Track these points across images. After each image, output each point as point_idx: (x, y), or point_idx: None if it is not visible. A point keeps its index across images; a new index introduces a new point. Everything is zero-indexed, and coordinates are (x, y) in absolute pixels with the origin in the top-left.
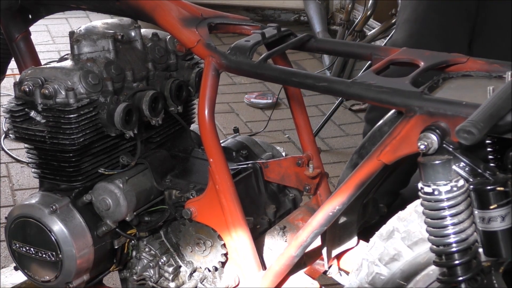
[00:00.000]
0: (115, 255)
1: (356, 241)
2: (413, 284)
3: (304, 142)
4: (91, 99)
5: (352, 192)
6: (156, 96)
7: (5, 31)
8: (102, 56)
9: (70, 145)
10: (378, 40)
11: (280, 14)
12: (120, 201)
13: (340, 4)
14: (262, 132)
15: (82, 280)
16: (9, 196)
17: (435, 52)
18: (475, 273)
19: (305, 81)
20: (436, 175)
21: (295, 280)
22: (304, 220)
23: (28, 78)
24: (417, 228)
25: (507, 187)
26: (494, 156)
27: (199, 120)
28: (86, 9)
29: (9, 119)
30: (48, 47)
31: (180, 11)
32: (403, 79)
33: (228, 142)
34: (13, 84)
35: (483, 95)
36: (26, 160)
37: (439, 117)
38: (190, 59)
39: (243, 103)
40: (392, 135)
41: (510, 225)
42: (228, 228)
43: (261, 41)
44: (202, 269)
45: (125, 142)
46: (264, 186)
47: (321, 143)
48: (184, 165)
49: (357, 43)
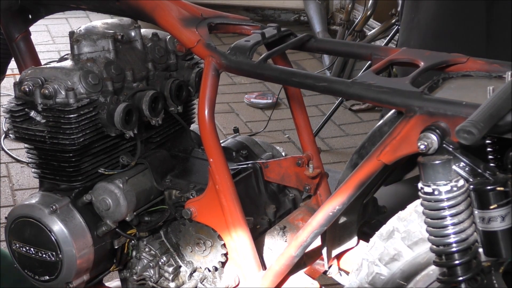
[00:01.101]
0: (115, 255)
1: (356, 241)
2: (413, 284)
3: (304, 142)
4: (91, 99)
5: (352, 192)
6: (156, 96)
7: (5, 31)
8: (102, 56)
9: (70, 145)
10: (378, 40)
11: (280, 14)
12: (120, 201)
13: (340, 4)
14: (262, 132)
15: (82, 280)
16: (9, 196)
17: (435, 52)
18: (475, 273)
19: (305, 81)
20: (436, 175)
21: (295, 280)
22: (304, 220)
23: (28, 78)
24: (417, 228)
25: (507, 187)
26: (494, 156)
27: (199, 120)
28: (86, 9)
29: (9, 119)
30: (48, 47)
31: (180, 11)
32: (403, 79)
33: (228, 142)
34: (13, 84)
35: (483, 95)
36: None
37: (439, 117)
38: (190, 59)
39: (243, 103)
40: (392, 135)
41: (510, 225)
42: (228, 228)
43: (261, 41)
44: (202, 269)
45: (125, 142)
46: (264, 186)
47: (321, 143)
48: (184, 165)
49: (357, 43)
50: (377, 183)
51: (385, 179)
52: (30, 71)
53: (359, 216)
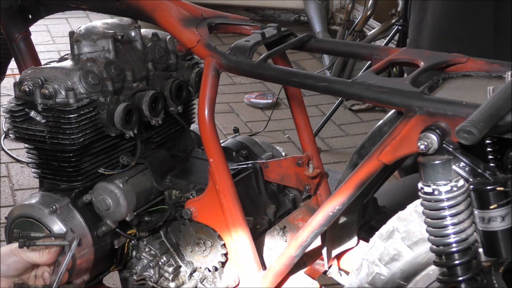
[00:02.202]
0: (115, 255)
1: (356, 241)
2: (413, 284)
3: (304, 142)
4: (91, 99)
5: (352, 192)
6: (156, 96)
7: (5, 31)
8: (102, 56)
9: (70, 145)
10: (378, 40)
11: (280, 14)
12: (120, 201)
13: (340, 4)
14: (262, 132)
15: (82, 280)
16: (9, 196)
17: (435, 52)
18: (475, 273)
19: (305, 81)
20: (436, 175)
21: (295, 280)
22: (304, 220)
23: (28, 78)
24: (417, 228)
25: (507, 187)
26: (494, 156)
27: (199, 120)
28: (86, 9)
29: (9, 119)
30: (48, 47)
31: (180, 11)
32: (403, 79)
33: (228, 142)
34: (13, 84)
35: (483, 95)
36: (26, 160)
37: (439, 117)
38: (190, 59)
39: (243, 103)
40: (392, 135)
41: (510, 225)
42: (228, 228)
43: (261, 41)
44: (202, 269)
45: (125, 142)
46: (264, 186)
47: (321, 143)
48: (184, 165)
49: (357, 43)
50: (377, 183)
51: (385, 179)
52: (30, 71)
53: (359, 216)
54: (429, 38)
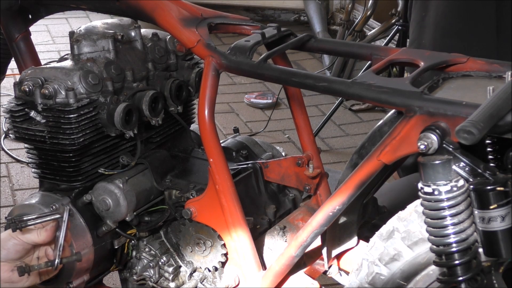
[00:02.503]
0: (115, 255)
1: (356, 241)
2: (413, 284)
3: (304, 142)
4: (91, 99)
5: (352, 192)
6: (156, 96)
7: (5, 31)
8: (102, 56)
9: (70, 145)
10: (378, 40)
11: (280, 14)
12: (120, 201)
13: (340, 4)
14: (262, 132)
15: (82, 280)
16: (9, 196)
17: (435, 52)
18: (475, 273)
19: (305, 81)
20: (436, 175)
21: (295, 280)
22: (304, 220)
23: (28, 78)
24: (417, 228)
25: (507, 187)
26: (494, 156)
27: (199, 120)
28: (86, 9)
29: (9, 119)
30: (48, 47)
31: (180, 11)
32: (403, 79)
33: (228, 142)
34: (13, 84)
35: (483, 95)
36: (26, 160)
37: (439, 117)
38: (190, 59)
39: (243, 103)
40: (392, 135)
41: (510, 225)
42: (228, 228)
43: (261, 41)
44: (202, 269)
45: (125, 142)
46: (264, 186)
47: (321, 143)
48: (184, 165)
49: (357, 43)
50: (377, 183)
51: (385, 179)
52: (30, 71)
53: (359, 216)
54: (432, 36)
